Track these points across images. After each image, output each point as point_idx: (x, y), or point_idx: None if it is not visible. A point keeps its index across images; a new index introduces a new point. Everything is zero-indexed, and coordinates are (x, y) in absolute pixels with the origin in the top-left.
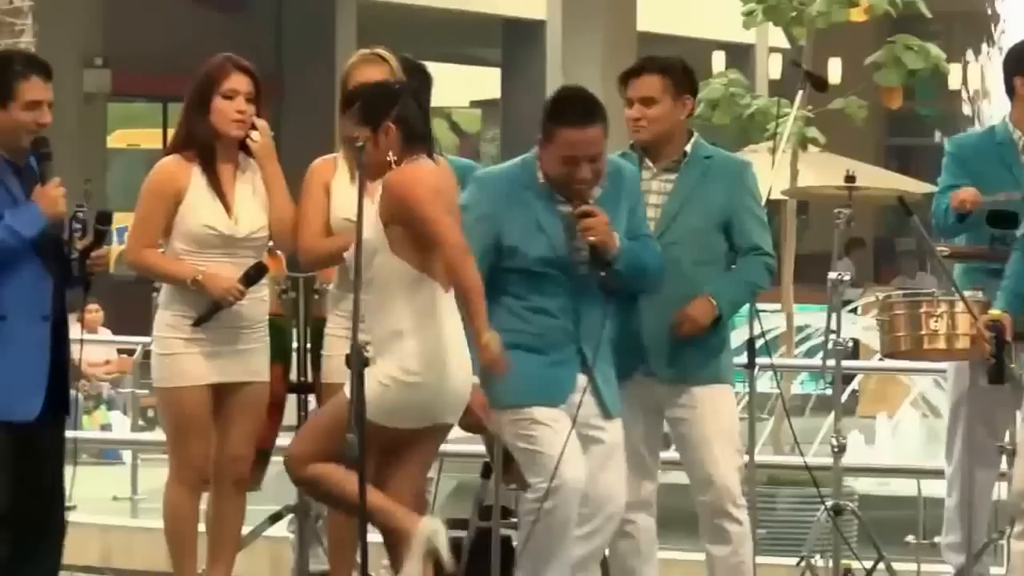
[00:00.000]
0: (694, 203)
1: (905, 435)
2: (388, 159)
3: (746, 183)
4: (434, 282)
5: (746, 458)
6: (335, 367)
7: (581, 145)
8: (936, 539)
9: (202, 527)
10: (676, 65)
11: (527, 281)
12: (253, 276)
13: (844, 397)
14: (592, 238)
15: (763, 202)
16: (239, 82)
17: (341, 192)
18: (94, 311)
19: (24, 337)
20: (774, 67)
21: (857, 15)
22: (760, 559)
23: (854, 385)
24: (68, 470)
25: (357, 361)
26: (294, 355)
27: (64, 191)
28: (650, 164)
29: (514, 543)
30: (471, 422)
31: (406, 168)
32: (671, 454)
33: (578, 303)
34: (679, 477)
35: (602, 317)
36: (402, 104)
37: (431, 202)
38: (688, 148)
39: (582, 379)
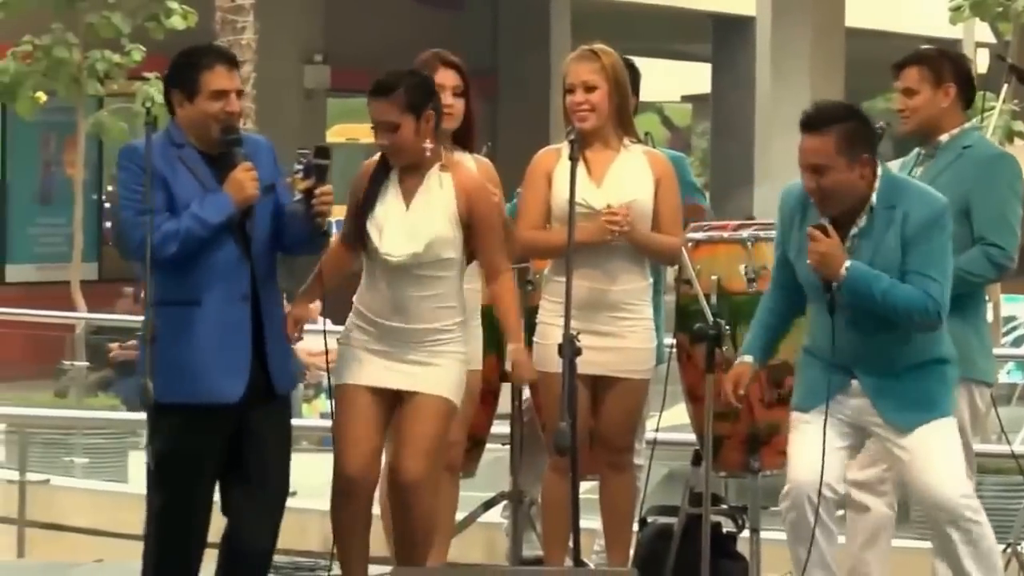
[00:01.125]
0: (937, 188)
1: None
2: (424, 147)
3: (994, 173)
4: None
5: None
6: (547, 355)
7: (801, 152)
8: None
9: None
10: (935, 55)
11: (807, 292)
12: None
13: None
14: (808, 260)
15: None
16: (446, 77)
17: (564, 182)
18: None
19: (222, 320)
20: (980, 62)
21: None
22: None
23: None
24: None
25: (569, 349)
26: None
27: (254, 174)
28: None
29: (725, 530)
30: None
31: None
32: None
33: (835, 318)
34: None
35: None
36: (437, 97)
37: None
38: (945, 136)
39: (855, 385)
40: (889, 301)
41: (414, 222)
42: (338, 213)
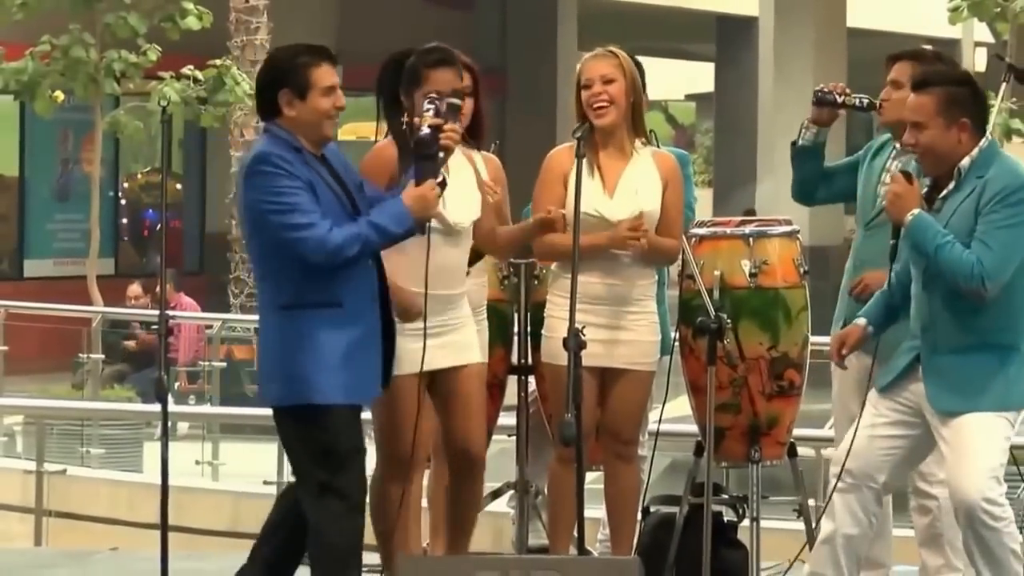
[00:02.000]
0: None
1: None
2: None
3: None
4: None
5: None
6: (555, 348)
7: (906, 109)
8: None
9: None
10: (930, 56)
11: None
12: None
13: None
14: (883, 200)
15: None
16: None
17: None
18: None
19: (361, 321)
20: (979, 61)
21: None
22: None
23: None
24: None
25: (574, 342)
26: (515, 338)
27: (438, 192)
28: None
29: (726, 519)
30: None
31: (492, 165)
32: None
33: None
34: None
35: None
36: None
37: None
38: None
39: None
40: (942, 257)
41: (460, 191)
42: None
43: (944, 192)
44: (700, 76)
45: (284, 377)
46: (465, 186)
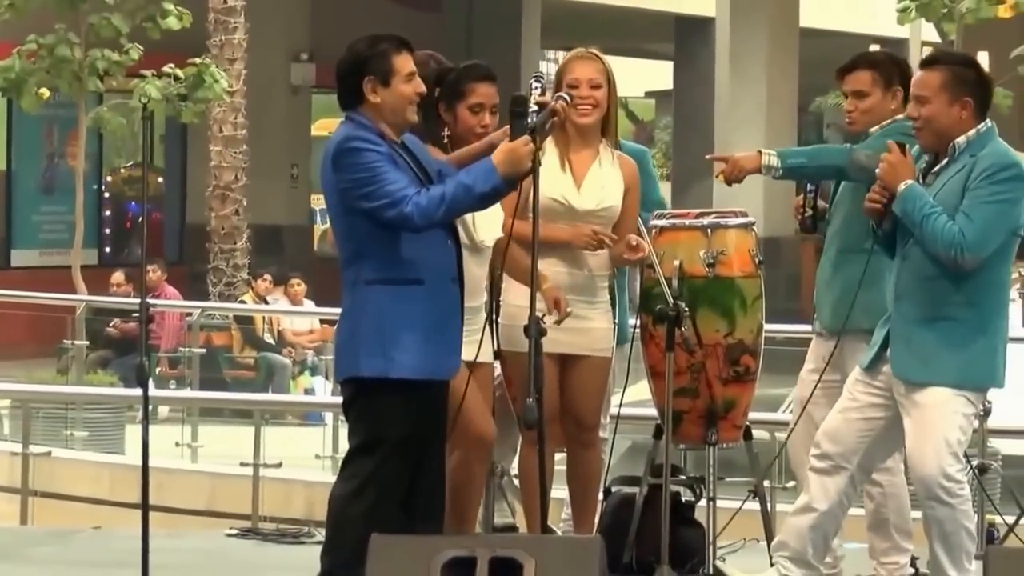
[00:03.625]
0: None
1: None
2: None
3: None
4: None
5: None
6: (514, 335)
7: (912, 84)
8: None
9: None
10: (885, 59)
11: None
12: None
13: None
14: (878, 169)
15: None
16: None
17: (549, 173)
18: (297, 285)
19: (441, 300)
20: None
21: (1003, 12)
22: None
23: None
24: (278, 430)
25: (535, 330)
26: None
27: (532, 148)
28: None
29: (684, 499)
30: None
31: None
32: None
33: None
34: None
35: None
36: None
37: None
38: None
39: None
40: (927, 227)
41: (488, 210)
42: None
43: (937, 167)
44: (659, 74)
45: (363, 350)
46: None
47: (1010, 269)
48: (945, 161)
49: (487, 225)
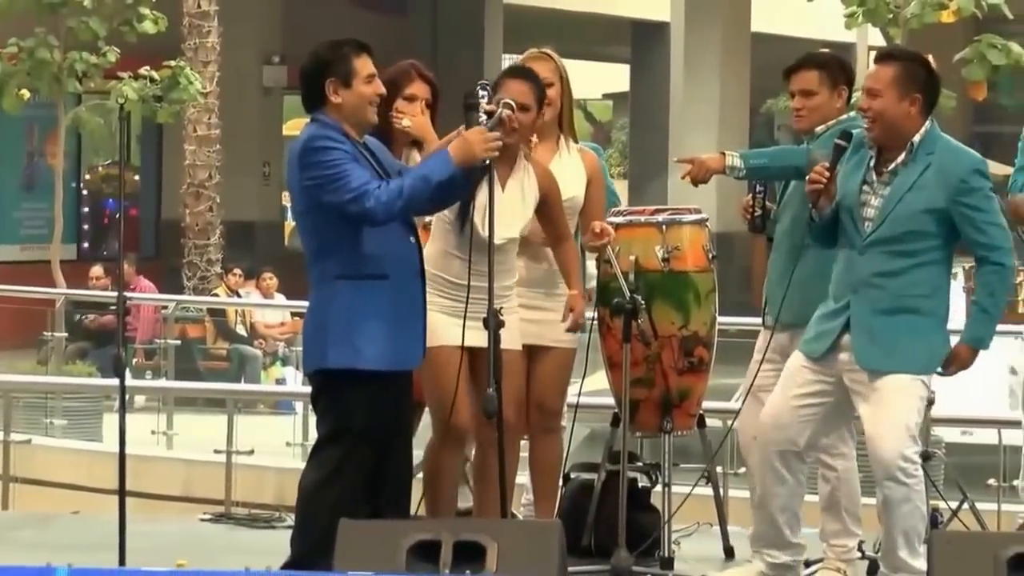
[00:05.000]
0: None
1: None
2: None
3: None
4: None
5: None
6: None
7: (864, 78)
8: (1015, 482)
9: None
10: (831, 60)
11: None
12: None
13: None
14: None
15: None
16: (420, 89)
17: None
18: (269, 279)
19: (405, 294)
20: (872, 63)
21: (947, 16)
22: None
23: None
24: (250, 419)
25: (494, 322)
26: None
27: (488, 137)
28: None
29: (640, 485)
30: None
31: None
32: None
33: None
34: None
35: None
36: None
37: None
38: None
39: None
40: (1000, 303)
41: (507, 206)
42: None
43: (894, 165)
44: (616, 77)
45: (331, 342)
46: (510, 202)
47: None
48: (902, 158)
49: (498, 225)
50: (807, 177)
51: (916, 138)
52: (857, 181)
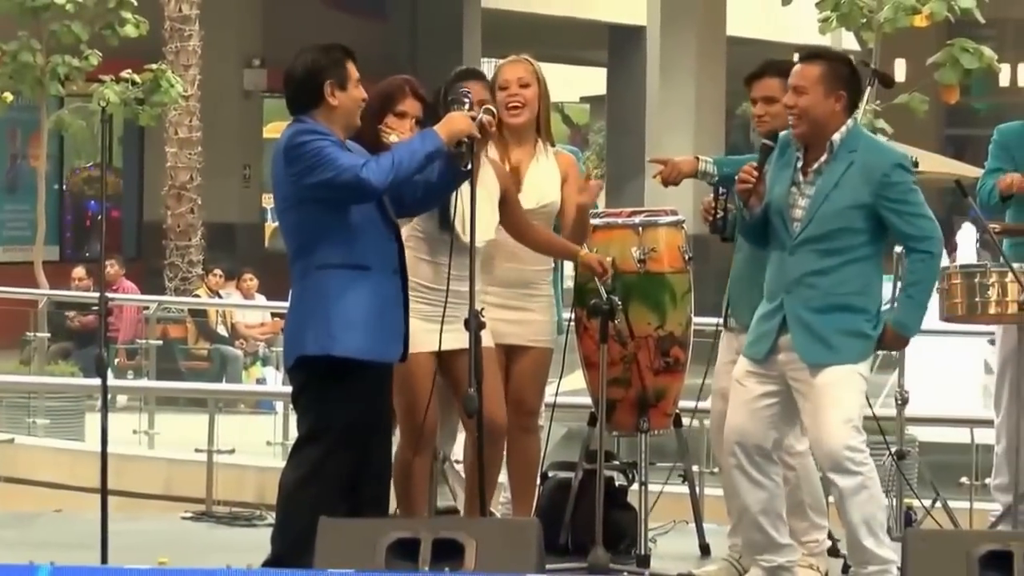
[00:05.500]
0: None
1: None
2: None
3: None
4: None
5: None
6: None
7: (790, 76)
8: (987, 481)
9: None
10: (791, 67)
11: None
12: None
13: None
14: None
15: None
16: (412, 107)
17: (491, 177)
18: (249, 280)
19: (385, 288)
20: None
21: (920, 21)
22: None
23: None
24: (231, 418)
25: (475, 323)
26: None
27: (470, 116)
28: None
29: (617, 483)
30: None
31: None
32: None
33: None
34: None
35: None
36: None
37: None
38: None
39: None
40: (927, 291)
41: (481, 208)
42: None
43: (818, 164)
44: (593, 80)
45: (310, 328)
46: (483, 204)
47: None
48: (824, 157)
49: (479, 228)
50: (738, 177)
51: (836, 136)
52: (785, 182)
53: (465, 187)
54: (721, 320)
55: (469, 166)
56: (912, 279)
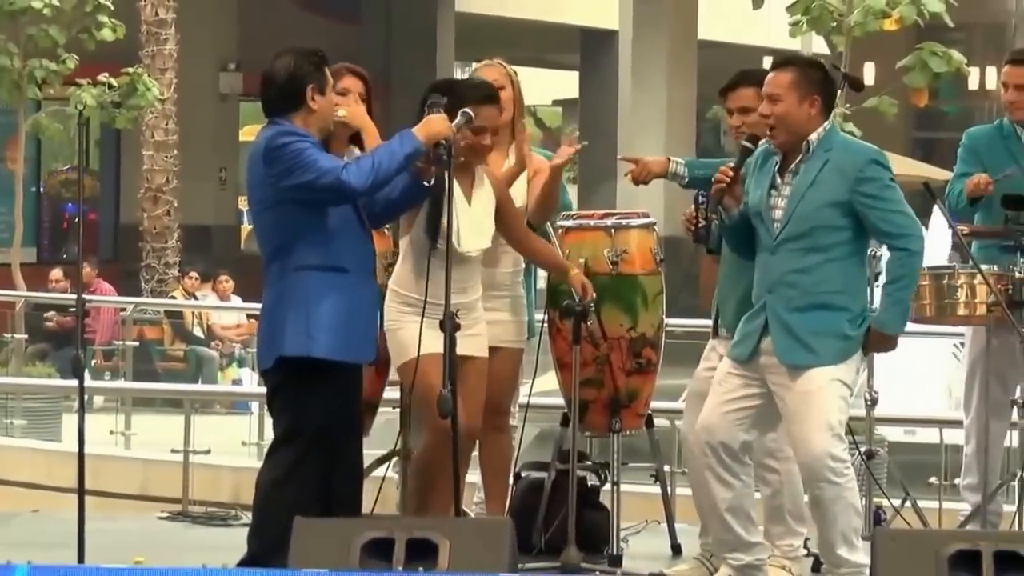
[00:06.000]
0: None
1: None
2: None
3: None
4: None
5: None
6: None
7: (764, 84)
8: (956, 481)
9: None
10: (765, 76)
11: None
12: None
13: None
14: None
15: None
16: (352, 84)
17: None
18: (225, 281)
19: (362, 290)
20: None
21: (889, 25)
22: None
23: None
24: (207, 419)
25: (450, 325)
26: None
27: (447, 118)
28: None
29: (589, 483)
30: None
31: None
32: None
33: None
34: None
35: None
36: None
37: None
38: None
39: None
40: (909, 288)
41: (476, 218)
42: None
43: (794, 164)
44: (566, 83)
45: (289, 330)
46: (478, 214)
47: None
48: (801, 157)
49: (472, 237)
50: (714, 177)
51: (813, 136)
52: (764, 187)
53: (459, 194)
54: (711, 327)
55: (432, 182)
56: (891, 277)
